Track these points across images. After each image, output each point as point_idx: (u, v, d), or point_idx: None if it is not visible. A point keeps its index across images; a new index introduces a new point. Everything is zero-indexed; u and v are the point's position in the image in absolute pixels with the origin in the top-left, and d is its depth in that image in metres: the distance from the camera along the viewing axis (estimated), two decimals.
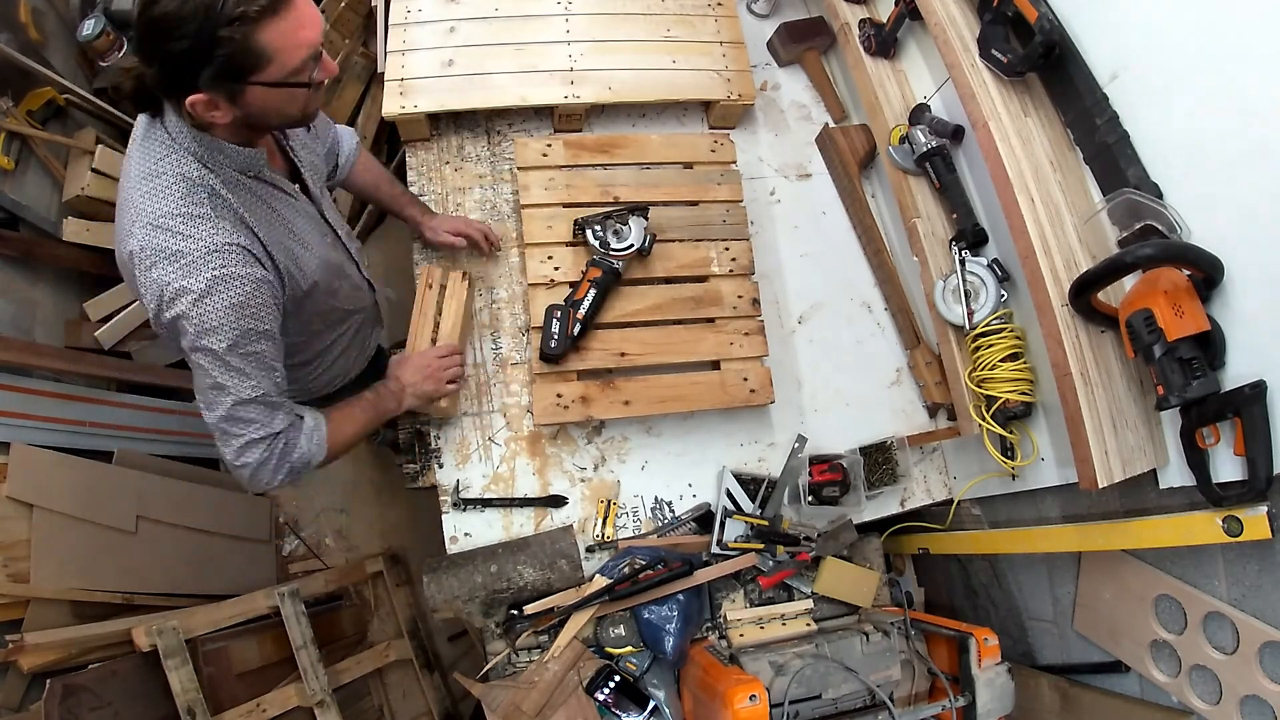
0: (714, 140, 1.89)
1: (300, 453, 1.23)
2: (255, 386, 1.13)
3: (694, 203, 1.82)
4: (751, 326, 1.75)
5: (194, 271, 1.04)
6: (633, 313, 1.70)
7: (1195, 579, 1.36)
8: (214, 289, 1.05)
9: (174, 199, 1.05)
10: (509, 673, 1.56)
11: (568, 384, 1.64)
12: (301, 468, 1.24)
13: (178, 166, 1.06)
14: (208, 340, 1.07)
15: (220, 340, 1.08)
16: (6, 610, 1.70)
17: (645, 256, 1.72)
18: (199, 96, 0.97)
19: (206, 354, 1.09)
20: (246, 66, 0.98)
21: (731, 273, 1.78)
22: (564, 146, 1.80)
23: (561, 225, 1.73)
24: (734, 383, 1.69)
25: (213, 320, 1.06)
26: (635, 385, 1.66)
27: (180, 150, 1.06)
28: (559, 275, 1.69)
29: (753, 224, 1.96)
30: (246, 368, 1.12)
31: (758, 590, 1.70)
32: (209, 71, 0.96)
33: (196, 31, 0.92)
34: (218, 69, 0.96)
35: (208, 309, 1.06)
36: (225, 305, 1.07)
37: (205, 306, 1.06)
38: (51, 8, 2.37)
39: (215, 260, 1.05)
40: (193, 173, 1.06)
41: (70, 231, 2.23)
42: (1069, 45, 1.43)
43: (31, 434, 1.91)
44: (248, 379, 1.12)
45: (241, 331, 1.09)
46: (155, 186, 1.05)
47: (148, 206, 1.05)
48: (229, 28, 0.93)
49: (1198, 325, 1.17)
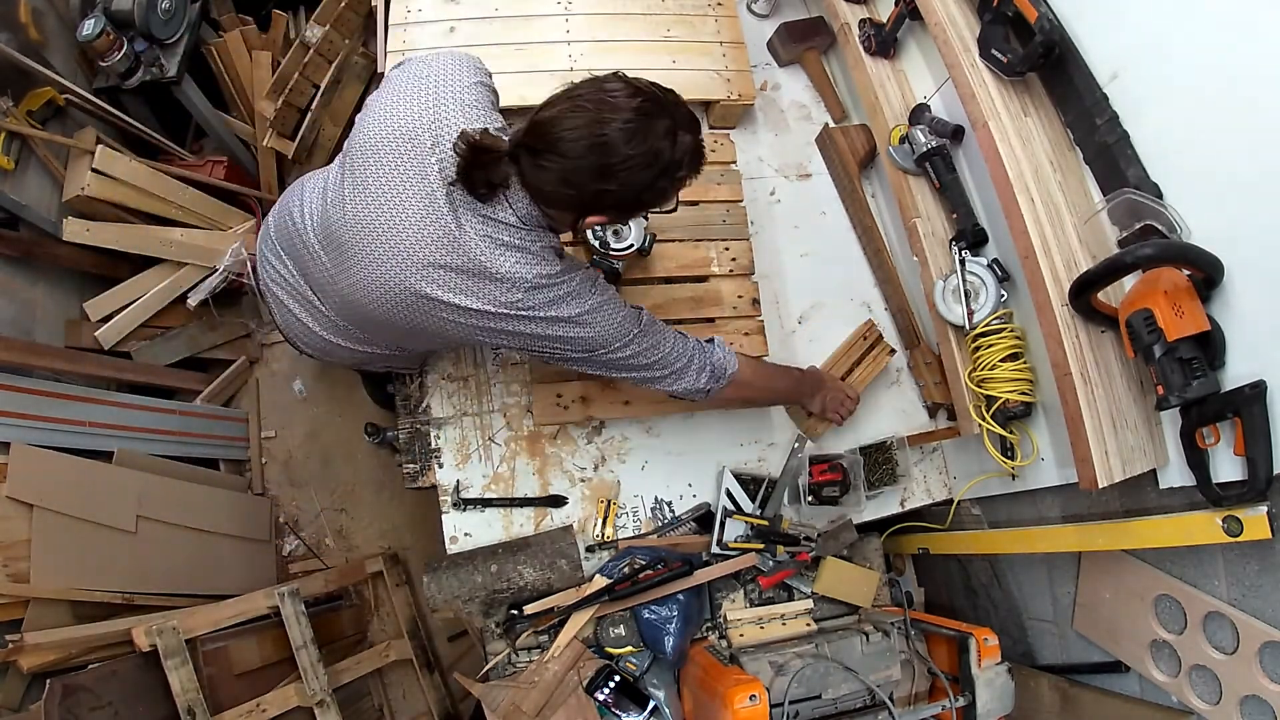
0: (714, 140, 1.89)
1: (717, 359, 1.36)
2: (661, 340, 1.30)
3: (694, 202, 1.82)
4: (752, 326, 1.75)
5: (586, 295, 1.18)
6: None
7: (1195, 579, 1.36)
8: (605, 304, 1.21)
9: (547, 264, 1.14)
10: (509, 673, 1.56)
11: (567, 384, 1.64)
12: (719, 373, 1.37)
13: (542, 241, 1.15)
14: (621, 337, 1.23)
15: (626, 330, 1.23)
16: (6, 610, 1.69)
17: (645, 256, 1.72)
18: (597, 219, 1.13)
19: (623, 349, 1.25)
20: (653, 206, 1.13)
21: (731, 273, 1.78)
22: None
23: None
24: None
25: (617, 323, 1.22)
26: (633, 385, 1.66)
27: (532, 229, 1.14)
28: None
29: (753, 224, 1.96)
30: (649, 332, 1.28)
31: (758, 590, 1.70)
32: (625, 207, 1.11)
33: (645, 182, 1.05)
34: (631, 205, 1.12)
35: (611, 318, 1.21)
36: (616, 308, 1.22)
37: (608, 317, 1.21)
38: (51, 8, 2.36)
39: (592, 285, 1.20)
40: (553, 242, 1.19)
41: (70, 231, 2.22)
42: (1069, 45, 1.43)
43: (31, 434, 1.91)
44: (655, 338, 1.28)
45: (629, 317, 1.24)
46: (524, 257, 1.12)
47: (525, 272, 1.12)
48: (668, 180, 1.07)
49: (1198, 325, 1.17)
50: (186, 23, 2.52)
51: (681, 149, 1.06)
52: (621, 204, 1.10)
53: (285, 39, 2.87)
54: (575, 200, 1.08)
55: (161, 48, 2.46)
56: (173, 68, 2.45)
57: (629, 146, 1.01)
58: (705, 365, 1.35)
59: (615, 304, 1.24)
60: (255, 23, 2.85)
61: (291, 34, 2.89)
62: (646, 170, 1.03)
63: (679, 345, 1.33)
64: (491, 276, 1.12)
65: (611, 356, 1.26)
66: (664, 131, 1.03)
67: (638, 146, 1.01)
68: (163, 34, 2.44)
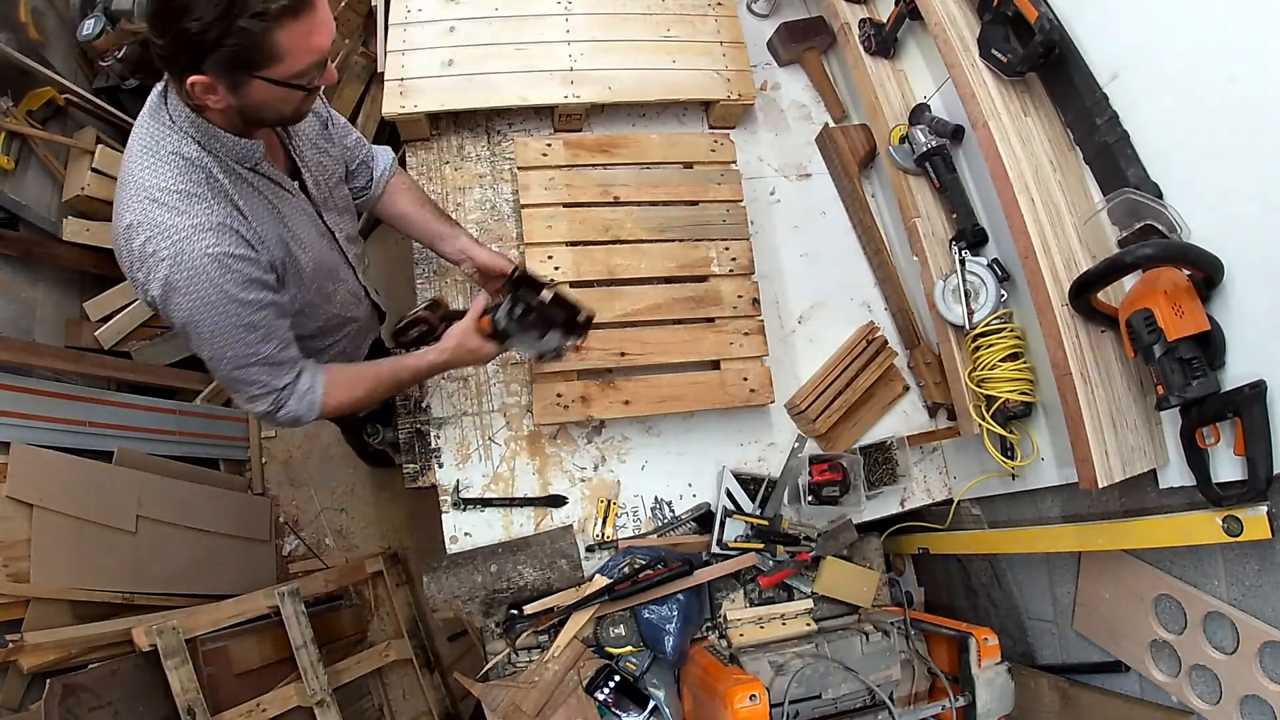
0: (714, 140, 1.89)
1: (287, 411, 1.26)
2: (252, 352, 1.16)
3: (694, 202, 1.82)
4: (752, 326, 1.75)
5: (186, 247, 1.05)
6: (633, 312, 1.70)
7: (1195, 579, 1.36)
8: (205, 266, 1.06)
9: (171, 175, 1.06)
10: (509, 672, 1.56)
11: (568, 383, 1.64)
12: (289, 423, 1.29)
13: (177, 145, 1.07)
14: (201, 315, 1.09)
15: (213, 315, 1.10)
16: (6, 610, 1.70)
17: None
18: (199, 78, 0.97)
19: (202, 325, 1.11)
20: (255, 61, 0.98)
21: (732, 272, 1.78)
22: (564, 146, 1.79)
23: (561, 225, 1.73)
24: (734, 382, 1.69)
25: (204, 294, 1.08)
26: (635, 385, 1.66)
27: (180, 131, 1.07)
28: (559, 275, 1.68)
29: (753, 224, 1.95)
30: (243, 336, 1.14)
31: (758, 590, 1.70)
32: (216, 57, 0.95)
33: (216, 17, 0.92)
34: (226, 57, 0.95)
35: (199, 284, 1.07)
36: (216, 281, 1.08)
37: (197, 282, 1.07)
38: (51, 8, 2.37)
39: (208, 238, 1.06)
40: (191, 153, 1.07)
41: (70, 231, 2.23)
42: (1069, 45, 1.43)
43: (31, 434, 1.91)
44: (246, 345, 1.15)
45: (234, 306, 1.11)
46: (154, 161, 1.06)
47: (146, 179, 1.06)
48: (248, 19, 0.93)
49: (1198, 325, 1.17)
50: None
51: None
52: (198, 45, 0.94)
53: None
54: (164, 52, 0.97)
55: None
56: None
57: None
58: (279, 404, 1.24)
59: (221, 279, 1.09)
60: None
61: None
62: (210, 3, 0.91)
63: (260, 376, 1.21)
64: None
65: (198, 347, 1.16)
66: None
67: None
68: None
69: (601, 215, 1.75)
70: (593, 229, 1.74)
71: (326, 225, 1.36)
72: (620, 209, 1.77)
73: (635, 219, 1.76)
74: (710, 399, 1.68)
